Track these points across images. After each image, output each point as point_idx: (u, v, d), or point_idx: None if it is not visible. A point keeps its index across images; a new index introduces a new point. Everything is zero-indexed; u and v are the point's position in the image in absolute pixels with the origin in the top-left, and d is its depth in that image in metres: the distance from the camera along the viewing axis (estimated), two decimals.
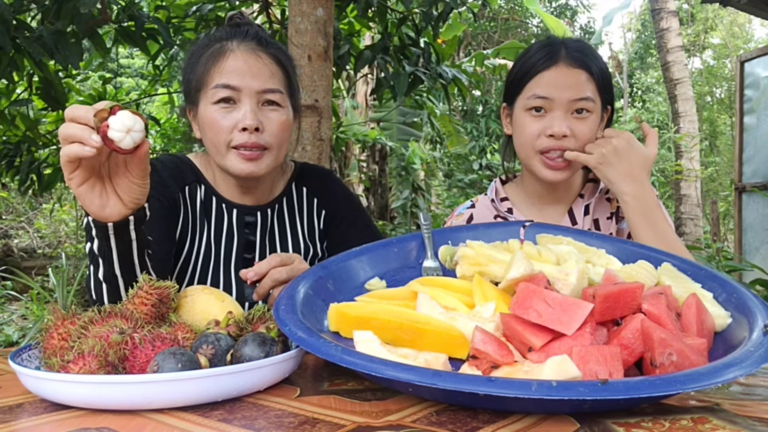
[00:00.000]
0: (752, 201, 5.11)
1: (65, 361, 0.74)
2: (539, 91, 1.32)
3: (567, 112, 1.31)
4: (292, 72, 1.29)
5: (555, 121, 1.30)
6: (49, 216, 7.94)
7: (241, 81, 1.18)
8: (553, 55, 1.33)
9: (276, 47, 1.27)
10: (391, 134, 7.49)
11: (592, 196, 1.45)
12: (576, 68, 1.32)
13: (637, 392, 0.60)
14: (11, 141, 3.68)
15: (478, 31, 11.75)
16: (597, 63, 1.35)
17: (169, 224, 1.25)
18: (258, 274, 1.04)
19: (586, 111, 1.32)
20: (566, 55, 1.33)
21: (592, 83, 1.33)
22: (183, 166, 1.33)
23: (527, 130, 1.34)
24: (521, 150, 1.38)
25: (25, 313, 4.91)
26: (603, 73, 1.36)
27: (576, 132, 1.31)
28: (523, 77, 1.36)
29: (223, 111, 1.19)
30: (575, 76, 1.32)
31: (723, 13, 17.30)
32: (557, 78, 1.32)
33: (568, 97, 1.31)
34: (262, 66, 1.21)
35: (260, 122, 1.19)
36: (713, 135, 16.28)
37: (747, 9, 5.30)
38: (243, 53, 1.21)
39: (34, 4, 2.76)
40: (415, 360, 0.74)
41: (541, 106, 1.32)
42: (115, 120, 0.84)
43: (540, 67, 1.34)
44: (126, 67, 11.98)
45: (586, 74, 1.33)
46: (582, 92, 1.31)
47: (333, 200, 1.43)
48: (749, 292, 0.89)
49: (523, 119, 1.35)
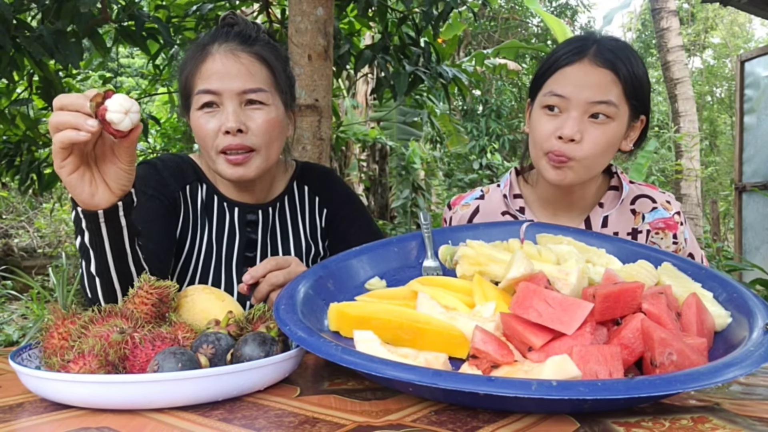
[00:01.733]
0: (752, 200, 5.11)
1: (65, 360, 0.74)
2: (556, 88, 1.21)
3: (583, 115, 1.19)
4: (279, 67, 1.26)
5: (567, 122, 1.19)
6: (49, 215, 7.94)
7: (221, 84, 1.17)
8: (581, 51, 1.22)
9: (262, 44, 1.25)
10: (391, 134, 7.48)
11: (613, 207, 1.34)
12: (602, 68, 1.20)
13: (637, 392, 0.60)
14: (11, 140, 3.68)
15: (478, 31, 11.75)
16: (629, 66, 1.21)
17: (169, 223, 1.26)
18: (254, 277, 1.04)
19: (605, 116, 1.19)
20: (595, 52, 1.21)
21: (617, 86, 1.20)
22: (184, 165, 1.33)
23: (539, 130, 1.24)
24: (532, 149, 1.28)
25: (25, 313, 4.91)
26: (635, 78, 1.22)
27: (587, 138, 1.19)
28: (546, 71, 1.26)
29: (207, 116, 1.19)
30: (599, 76, 1.19)
31: (723, 12, 17.30)
32: (578, 76, 1.20)
33: (587, 98, 1.19)
34: (240, 66, 1.19)
35: (243, 123, 1.17)
36: (713, 134, 16.28)
37: (747, 8, 5.29)
38: (221, 56, 1.20)
39: (34, 4, 2.76)
40: (416, 360, 0.74)
41: (555, 104, 1.21)
42: (112, 102, 0.84)
43: (563, 62, 1.22)
44: (126, 67, 11.97)
45: (613, 75, 1.20)
46: (603, 95, 1.19)
47: (334, 199, 1.43)
48: (749, 292, 0.89)
49: (538, 117, 1.25)
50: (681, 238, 1.36)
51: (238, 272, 1.31)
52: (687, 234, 1.38)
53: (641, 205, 1.37)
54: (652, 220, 1.35)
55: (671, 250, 1.34)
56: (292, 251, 1.36)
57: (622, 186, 1.36)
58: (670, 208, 1.37)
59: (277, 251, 1.35)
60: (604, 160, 1.25)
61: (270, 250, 1.34)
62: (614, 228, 1.34)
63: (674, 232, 1.35)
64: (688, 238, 1.38)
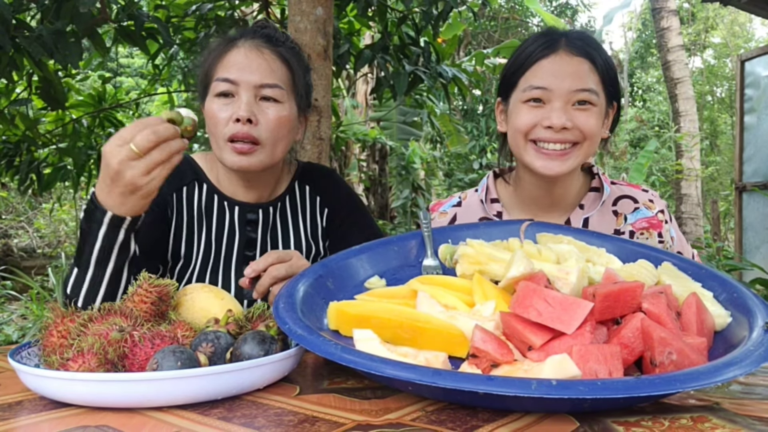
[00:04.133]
0: (753, 200, 5.11)
1: (65, 358, 0.74)
2: (536, 81, 1.21)
3: (567, 104, 1.20)
4: (299, 70, 1.29)
5: (554, 113, 1.19)
6: (48, 216, 7.94)
7: (240, 75, 1.20)
8: (553, 44, 1.23)
9: (287, 47, 1.28)
10: (391, 133, 7.48)
11: (594, 208, 1.33)
12: (578, 56, 1.22)
13: (637, 391, 0.60)
14: (11, 140, 3.68)
15: (478, 31, 11.75)
16: (601, 54, 1.24)
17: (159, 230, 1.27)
18: (255, 271, 1.05)
19: (589, 103, 1.21)
20: (567, 43, 1.23)
21: (595, 74, 1.22)
22: (182, 165, 1.32)
23: (521, 120, 1.22)
24: (513, 141, 1.26)
25: (24, 313, 4.91)
26: (608, 66, 1.25)
27: (579, 124, 1.20)
28: (519, 68, 1.25)
29: (221, 104, 1.21)
30: (577, 65, 1.21)
31: (724, 12, 17.30)
32: (557, 66, 1.21)
33: (569, 87, 1.19)
34: (262, 61, 1.22)
35: (254, 115, 1.19)
36: (714, 134, 16.27)
37: (747, 8, 5.29)
38: (246, 49, 1.23)
39: (33, 4, 2.76)
40: (415, 358, 0.74)
41: (539, 97, 1.21)
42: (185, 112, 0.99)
43: (538, 55, 1.23)
44: (126, 67, 11.98)
45: (590, 64, 1.22)
46: (584, 83, 1.20)
47: (335, 199, 1.43)
48: (749, 292, 0.89)
49: (518, 111, 1.24)
50: (667, 236, 1.34)
51: (238, 271, 1.31)
52: (674, 232, 1.35)
53: (623, 206, 1.35)
54: (634, 221, 1.33)
55: None
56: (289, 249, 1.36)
57: (603, 187, 1.35)
58: (653, 207, 1.35)
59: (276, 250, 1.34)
60: (595, 143, 1.25)
61: (270, 249, 1.35)
62: (596, 230, 1.30)
63: (659, 230, 1.33)
64: (675, 236, 1.36)
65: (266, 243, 1.35)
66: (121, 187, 0.96)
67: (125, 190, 0.96)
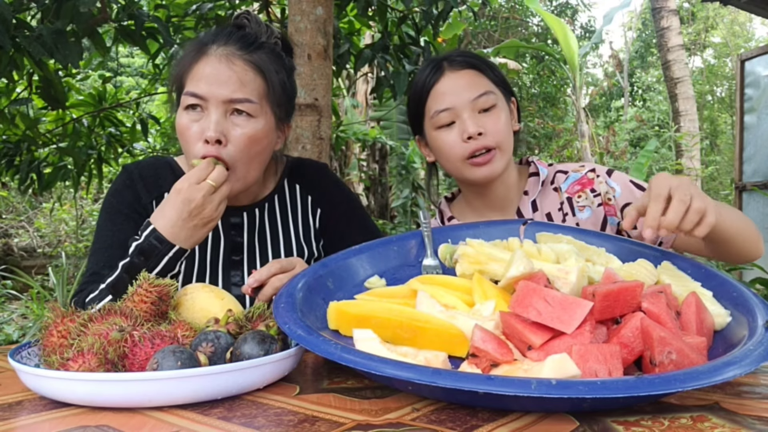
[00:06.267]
0: (753, 200, 5.10)
1: (65, 358, 0.74)
2: (439, 105, 1.32)
3: (473, 112, 1.31)
4: (276, 79, 1.20)
5: (465, 123, 1.30)
6: (49, 215, 7.94)
7: (208, 90, 1.13)
8: (438, 68, 1.35)
9: (266, 51, 1.20)
10: (391, 133, 7.48)
11: (537, 190, 1.41)
12: (463, 69, 1.34)
13: (637, 391, 0.60)
14: (11, 140, 3.69)
15: (478, 30, 11.74)
16: (483, 61, 1.37)
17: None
18: (258, 281, 1.02)
19: (492, 107, 1.32)
20: (449, 63, 1.35)
21: (484, 78, 1.34)
22: (163, 171, 1.30)
23: (445, 143, 1.33)
24: (448, 164, 1.37)
25: (25, 312, 4.91)
26: (493, 68, 1.38)
27: (488, 129, 1.30)
28: (419, 101, 1.37)
29: (191, 119, 1.15)
30: (467, 77, 1.33)
31: (724, 11, 17.29)
32: (450, 85, 1.32)
33: (468, 97, 1.31)
34: (231, 74, 1.14)
35: (223, 134, 1.13)
36: (714, 134, 16.26)
37: (748, 8, 5.29)
38: (216, 59, 1.16)
39: (33, 3, 2.76)
40: (415, 358, 0.74)
41: (447, 118, 1.32)
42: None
43: (429, 83, 1.35)
44: (126, 66, 11.98)
45: (476, 71, 1.34)
46: (479, 88, 1.32)
47: (328, 197, 1.38)
48: (749, 291, 0.89)
49: (437, 137, 1.35)
50: (601, 188, 1.37)
51: (225, 276, 1.28)
52: (614, 184, 1.38)
53: (558, 180, 1.43)
54: (567, 187, 1.41)
55: (597, 204, 1.36)
56: (282, 253, 1.31)
57: (539, 170, 1.43)
58: (582, 170, 1.42)
59: (265, 253, 1.31)
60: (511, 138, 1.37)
61: (258, 252, 1.30)
62: (545, 210, 1.40)
63: (590, 187, 1.38)
64: (618, 187, 1.37)
65: (253, 246, 1.30)
66: (197, 219, 1.01)
67: (200, 222, 1.02)
